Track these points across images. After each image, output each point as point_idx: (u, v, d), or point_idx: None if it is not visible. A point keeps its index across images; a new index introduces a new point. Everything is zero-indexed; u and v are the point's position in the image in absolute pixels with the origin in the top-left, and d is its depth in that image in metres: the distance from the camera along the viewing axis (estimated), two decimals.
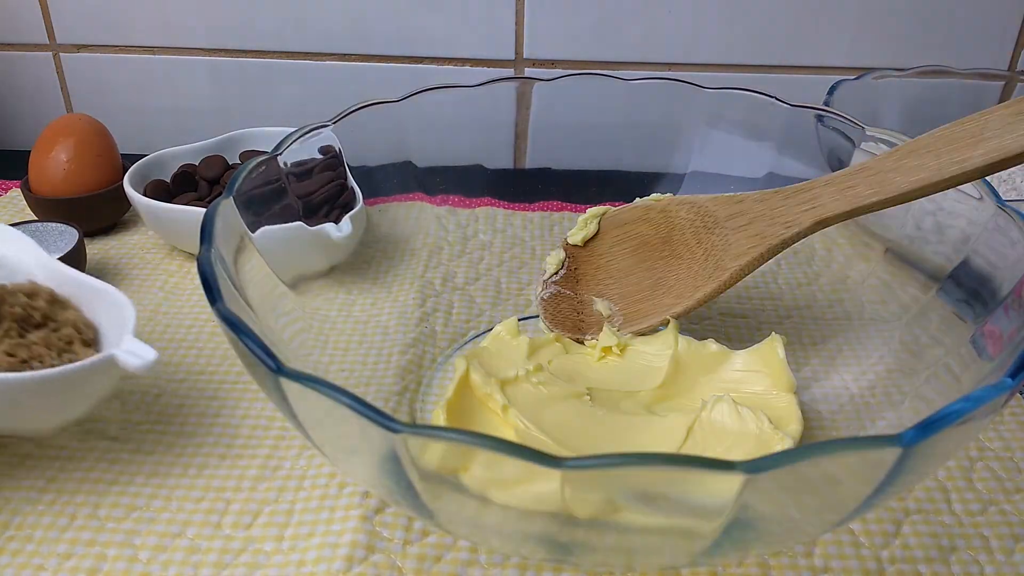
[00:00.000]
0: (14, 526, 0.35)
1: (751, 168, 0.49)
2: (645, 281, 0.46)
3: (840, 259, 0.50)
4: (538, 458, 0.22)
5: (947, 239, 0.40)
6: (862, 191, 0.37)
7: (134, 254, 0.55)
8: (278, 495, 0.37)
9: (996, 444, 0.40)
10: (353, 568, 0.33)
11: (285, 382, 0.25)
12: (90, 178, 0.56)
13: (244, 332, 0.26)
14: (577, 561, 0.31)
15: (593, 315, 0.46)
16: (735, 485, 0.22)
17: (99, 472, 0.38)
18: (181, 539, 0.35)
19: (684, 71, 0.69)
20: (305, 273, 0.42)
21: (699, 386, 0.42)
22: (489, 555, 0.34)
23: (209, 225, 0.32)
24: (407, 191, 0.51)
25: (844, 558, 0.34)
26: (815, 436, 0.40)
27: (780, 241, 0.40)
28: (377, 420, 0.23)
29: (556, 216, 0.58)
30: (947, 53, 0.68)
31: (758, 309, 0.50)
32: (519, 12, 0.67)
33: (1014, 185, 0.59)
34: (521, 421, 0.37)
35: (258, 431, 0.40)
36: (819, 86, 0.61)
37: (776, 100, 0.47)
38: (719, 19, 0.67)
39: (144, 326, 0.48)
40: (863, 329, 0.45)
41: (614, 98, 0.50)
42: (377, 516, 0.36)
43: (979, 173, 0.34)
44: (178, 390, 0.43)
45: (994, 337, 0.34)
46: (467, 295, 0.50)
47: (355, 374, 0.43)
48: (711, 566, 0.34)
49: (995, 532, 0.36)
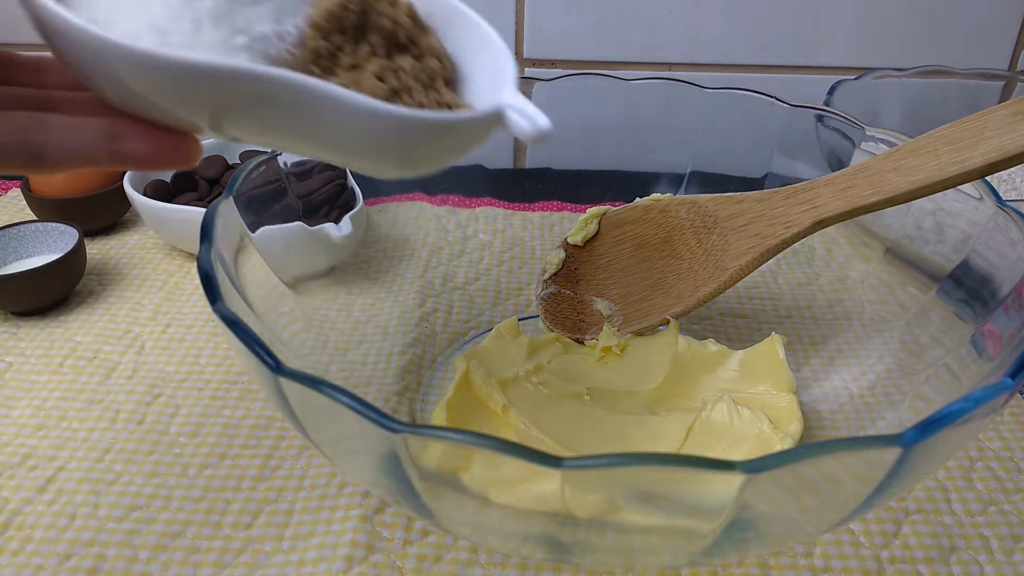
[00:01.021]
0: (14, 526, 0.35)
1: (751, 168, 0.49)
2: (645, 281, 0.46)
3: (840, 259, 0.50)
4: (538, 458, 0.22)
5: (947, 239, 0.40)
6: (862, 191, 0.37)
7: (134, 254, 0.55)
8: (278, 495, 0.37)
9: (996, 444, 0.40)
10: (353, 568, 0.33)
11: (285, 382, 0.25)
12: (90, 178, 0.56)
13: (244, 332, 0.26)
14: (577, 561, 0.31)
15: (593, 315, 0.46)
16: (735, 485, 0.22)
17: (99, 472, 0.38)
18: (181, 539, 0.35)
19: (684, 71, 0.69)
20: (305, 273, 0.42)
21: (699, 386, 0.42)
22: (489, 555, 0.34)
23: (209, 225, 0.32)
24: (407, 191, 0.51)
25: (844, 558, 0.34)
26: (815, 436, 0.40)
27: (780, 241, 0.40)
28: (377, 420, 0.23)
29: (556, 216, 0.58)
30: (947, 53, 0.68)
31: (758, 309, 0.50)
32: (519, 12, 0.67)
33: (1014, 185, 0.59)
34: (521, 421, 0.37)
35: (258, 431, 0.40)
36: (819, 86, 0.61)
37: (776, 100, 0.47)
38: (719, 19, 0.67)
39: (144, 326, 0.48)
40: (863, 329, 0.45)
41: (614, 98, 0.50)
42: (377, 516, 0.36)
43: (979, 173, 0.34)
44: (178, 390, 0.43)
45: (994, 337, 0.34)
46: (467, 295, 0.50)
47: (355, 374, 0.43)
48: (711, 566, 0.34)
49: (995, 532, 0.36)
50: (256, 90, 0.22)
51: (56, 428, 0.40)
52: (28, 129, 0.23)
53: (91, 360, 0.45)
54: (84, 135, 0.24)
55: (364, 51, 0.25)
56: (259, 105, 0.22)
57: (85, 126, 0.24)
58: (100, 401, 0.42)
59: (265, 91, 0.22)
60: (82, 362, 0.45)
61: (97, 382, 0.43)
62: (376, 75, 0.25)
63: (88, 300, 0.50)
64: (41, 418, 0.41)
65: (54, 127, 0.24)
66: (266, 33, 0.24)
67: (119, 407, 0.42)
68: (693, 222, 0.44)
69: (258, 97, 0.22)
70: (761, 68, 0.69)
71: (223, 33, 0.23)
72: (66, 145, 0.24)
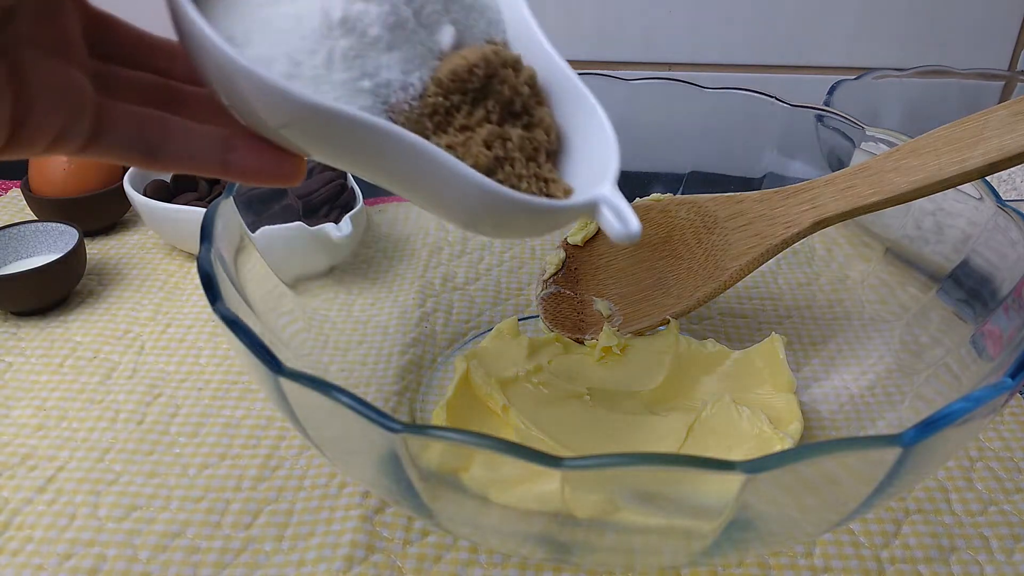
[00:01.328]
0: (14, 526, 0.35)
1: (751, 168, 0.49)
2: (645, 281, 0.46)
3: (840, 259, 0.50)
4: (538, 458, 0.22)
5: (947, 239, 0.40)
6: (862, 191, 0.37)
7: (134, 254, 0.55)
8: (278, 495, 0.37)
9: (996, 444, 0.40)
10: (353, 568, 0.33)
11: (285, 382, 0.25)
12: (90, 178, 0.56)
13: (244, 332, 0.26)
14: (577, 561, 0.31)
15: (593, 315, 0.46)
16: (735, 485, 0.22)
17: (99, 472, 0.38)
18: (181, 539, 0.35)
19: (684, 71, 0.69)
20: (305, 273, 0.42)
21: (699, 386, 0.42)
22: (489, 555, 0.34)
23: (209, 225, 0.32)
24: None
25: (844, 558, 0.34)
26: (815, 436, 0.40)
27: (780, 241, 0.40)
28: (377, 420, 0.23)
29: None
30: (947, 53, 0.68)
31: (758, 309, 0.50)
32: None
33: (1014, 185, 0.59)
34: (521, 421, 0.37)
35: (258, 431, 0.40)
36: (819, 86, 0.61)
37: (776, 100, 0.47)
38: (719, 19, 0.67)
39: (144, 326, 0.48)
40: (863, 329, 0.45)
41: (614, 98, 0.50)
42: (377, 516, 0.36)
43: (979, 173, 0.34)
44: (178, 390, 0.43)
45: (994, 337, 0.34)
46: (467, 295, 0.50)
47: (355, 374, 0.43)
48: (711, 566, 0.34)
49: (995, 532, 0.36)
50: (367, 138, 0.23)
51: (56, 428, 0.40)
52: (150, 127, 0.24)
53: (91, 360, 0.45)
54: (201, 141, 0.25)
55: (479, 115, 0.26)
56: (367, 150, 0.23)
57: (203, 133, 0.25)
58: (100, 401, 0.42)
59: (375, 140, 0.23)
60: (82, 362, 0.45)
61: (97, 382, 0.43)
62: (485, 141, 0.26)
63: (88, 300, 0.50)
64: (41, 418, 0.41)
65: (175, 129, 0.24)
66: (391, 81, 0.24)
67: (119, 407, 0.42)
68: (693, 222, 0.44)
69: (368, 144, 0.23)
70: (761, 68, 0.69)
71: (352, 74, 0.24)
72: (183, 149, 0.25)
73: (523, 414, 0.37)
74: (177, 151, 0.24)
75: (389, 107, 0.24)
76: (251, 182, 0.26)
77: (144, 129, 0.24)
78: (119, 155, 0.24)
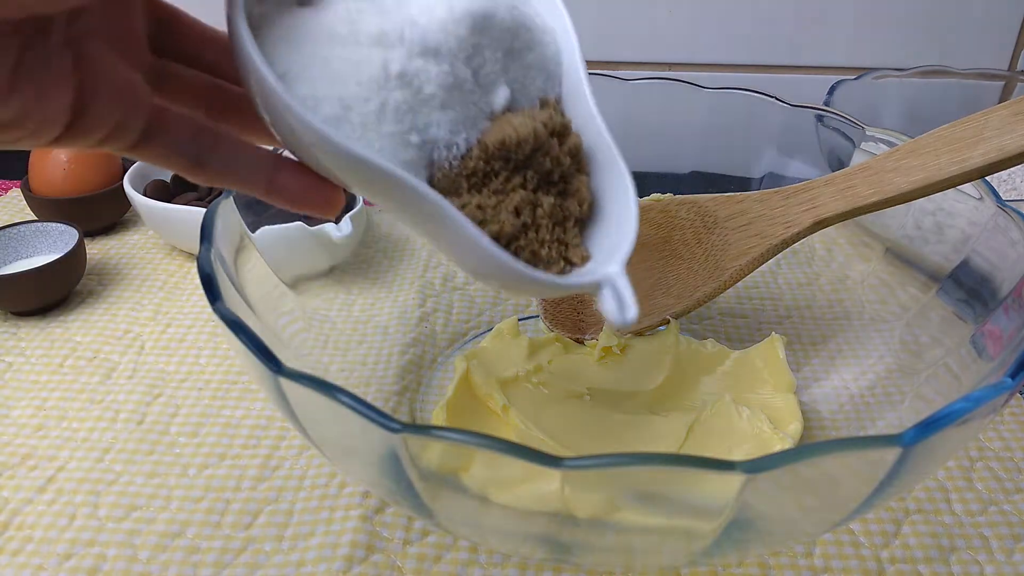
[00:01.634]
0: (14, 526, 0.35)
1: (751, 168, 0.49)
2: (645, 281, 0.46)
3: (840, 259, 0.50)
4: (538, 458, 0.22)
5: (947, 239, 0.40)
6: (862, 191, 0.37)
7: (134, 254, 0.55)
8: (278, 495, 0.37)
9: (996, 444, 0.40)
10: (353, 568, 0.33)
11: (285, 382, 0.25)
12: (90, 178, 0.56)
13: (244, 332, 0.26)
14: (577, 561, 0.31)
15: (593, 315, 0.46)
16: (735, 485, 0.22)
17: (99, 472, 0.38)
18: (181, 539, 0.35)
19: (684, 71, 0.69)
20: (305, 273, 0.42)
21: (699, 386, 0.42)
22: (489, 555, 0.34)
23: (209, 225, 0.32)
24: None
25: (844, 558, 0.34)
26: (815, 436, 0.40)
27: (780, 241, 0.40)
28: (377, 420, 0.23)
29: None
30: (947, 53, 0.68)
31: (758, 309, 0.50)
32: None
33: (1014, 185, 0.59)
34: (521, 421, 0.37)
35: (258, 431, 0.40)
36: (819, 86, 0.61)
37: (776, 100, 0.47)
38: (719, 19, 0.67)
39: (144, 326, 0.48)
40: (863, 329, 0.45)
41: (614, 98, 0.50)
42: (377, 516, 0.36)
43: (979, 173, 0.34)
44: (178, 390, 0.43)
45: (994, 337, 0.34)
46: (467, 295, 0.50)
47: (355, 374, 0.43)
48: (711, 566, 0.34)
49: (995, 532, 0.36)
50: (393, 189, 0.23)
51: (56, 428, 0.40)
52: (203, 136, 0.24)
53: (91, 360, 0.45)
54: (249, 159, 0.25)
55: (515, 181, 0.26)
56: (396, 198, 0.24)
57: (252, 152, 0.25)
58: (100, 401, 0.42)
59: (402, 194, 0.23)
60: (82, 362, 0.45)
61: (97, 382, 0.43)
62: (516, 208, 0.26)
63: (88, 300, 0.50)
64: (41, 418, 0.41)
65: (226, 141, 0.25)
66: (438, 139, 0.24)
67: (119, 407, 0.42)
68: (693, 222, 0.44)
69: (395, 194, 0.23)
70: (761, 68, 0.69)
71: (401, 127, 0.24)
72: (230, 163, 0.25)
73: (523, 414, 0.37)
74: (224, 164, 0.24)
75: (431, 164, 0.25)
76: (292, 206, 0.26)
77: (196, 136, 0.24)
78: (167, 158, 0.24)
